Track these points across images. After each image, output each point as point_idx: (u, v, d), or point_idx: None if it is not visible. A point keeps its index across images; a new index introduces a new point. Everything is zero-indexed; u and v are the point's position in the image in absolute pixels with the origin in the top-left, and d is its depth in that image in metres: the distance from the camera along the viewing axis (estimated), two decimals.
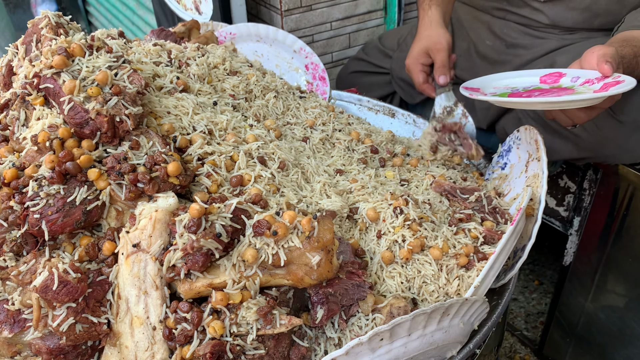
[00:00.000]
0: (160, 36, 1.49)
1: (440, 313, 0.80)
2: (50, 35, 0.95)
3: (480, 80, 1.35)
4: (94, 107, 0.86)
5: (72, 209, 0.83)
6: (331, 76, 2.33)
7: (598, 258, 1.72)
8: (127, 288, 0.82)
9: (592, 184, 1.68)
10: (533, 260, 2.58)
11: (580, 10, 1.56)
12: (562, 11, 1.59)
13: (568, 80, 1.23)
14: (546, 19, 1.62)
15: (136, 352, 0.81)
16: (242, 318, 0.79)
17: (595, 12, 1.54)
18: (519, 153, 1.24)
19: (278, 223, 0.82)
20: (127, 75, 0.92)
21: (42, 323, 0.81)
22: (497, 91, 1.28)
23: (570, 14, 1.58)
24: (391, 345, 0.77)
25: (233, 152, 0.98)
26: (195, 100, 1.06)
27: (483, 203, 1.11)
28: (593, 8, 1.54)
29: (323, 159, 1.17)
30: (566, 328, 1.93)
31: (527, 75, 1.33)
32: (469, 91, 1.24)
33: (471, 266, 0.97)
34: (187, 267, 0.80)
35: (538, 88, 1.25)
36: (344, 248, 0.94)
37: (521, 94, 1.21)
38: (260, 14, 2.23)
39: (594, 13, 1.55)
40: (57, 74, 0.89)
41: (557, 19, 1.61)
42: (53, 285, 0.77)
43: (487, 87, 1.31)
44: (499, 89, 1.29)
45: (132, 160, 0.86)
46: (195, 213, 0.79)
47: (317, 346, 0.87)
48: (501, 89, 1.30)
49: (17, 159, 0.89)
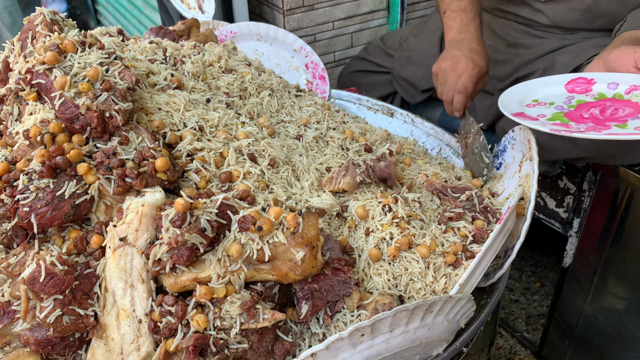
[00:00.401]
0: (159, 34, 1.50)
1: (423, 310, 0.80)
2: (44, 32, 0.97)
3: (507, 98, 1.24)
4: (84, 103, 0.87)
5: (61, 202, 0.84)
6: (333, 75, 2.34)
7: (597, 260, 1.71)
8: (114, 281, 0.83)
9: (591, 185, 1.67)
10: (535, 262, 2.57)
11: (581, 11, 1.56)
12: (562, 12, 1.59)
13: (605, 87, 1.17)
14: (547, 19, 1.62)
15: (122, 345, 0.82)
16: (226, 312, 0.80)
17: (596, 12, 1.54)
18: (513, 153, 1.24)
19: (263, 219, 0.83)
20: (118, 72, 0.93)
21: (31, 315, 0.82)
22: (543, 112, 1.19)
23: (571, 14, 1.58)
24: (372, 341, 0.78)
25: (223, 149, 0.99)
26: (188, 97, 1.07)
27: (474, 202, 1.11)
28: (594, 9, 1.54)
29: (315, 157, 1.18)
30: (565, 330, 1.92)
31: (550, 84, 1.26)
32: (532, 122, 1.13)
33: (459, 264, 0.97)
34: (173, 261, 0.80)
35: (582, 102, 1.18)
36: (331, 245, 0.95)
37: (578, 114, 1.15)
38: (263, 13, 2.24)
39: (595, 14, 1.55)
40: (49, 70, 0.90)
41: (557, 19, 1.61)
42: (40, 277, 0.78)
43: (521, 107, 1.23)
44: (537, 108, 1.22)
45: (121, 155, 0.87)
46: (180, 208, 0.80)
47: (302, 341, 0.87)
48: (538, 107, 1.22)
49: (9, 153, 0.90)
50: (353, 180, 1.08)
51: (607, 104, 1.15)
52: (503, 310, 2.36)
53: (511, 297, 2.42)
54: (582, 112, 1.16)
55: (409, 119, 1.64)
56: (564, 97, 1.23)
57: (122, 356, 0.82)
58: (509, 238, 1.07)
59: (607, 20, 1.54)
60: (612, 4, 1.51)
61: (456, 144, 1.50)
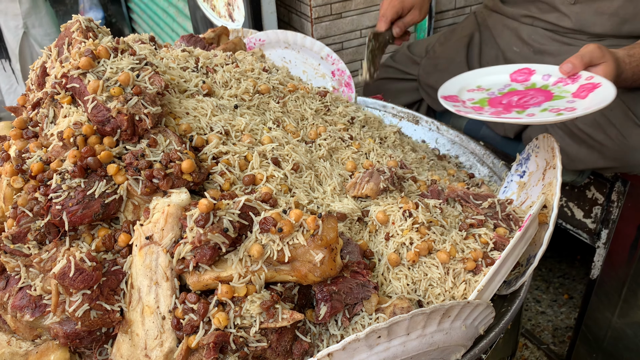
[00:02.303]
0: (190, 42, 1.54)
1: (440, 314, 0.81)
2: (79, 38, 1.01)
3: (452, 82, 1.33)
4: (115, 106, 0.90)
5: (91, 201, 0.88)
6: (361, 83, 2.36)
7: (626, 272, 1.68)
8: (140, 278, 0.86)
9: (620, 196, 1.65)
10: (563, 274, 2.52)
11: (608, 15, 1.54)
12: (589, 15, 1.58)
13: (539, 78, 1.21)
14: (572, 23, 1.61)
15: (146, 340, 0.85)
16: (246, 311, 0.82)
17: (623, 17, 1.52)
18: (537, 161, 1.23)
19: (284, 220, 0.85)
20: (148, 77, 0.96)
21: (60, 309, 0.86)
22: (474, 96, 1.25)
23: (598, 18, 1.56)
24: (389, 344, 0.79)
25: (247, 153, 1.01)
26: (215, 102, 1.10)
27: (497, 209, 1.11)
28: (621, 13, 1.52)
29: (339, 164, 1.20)
30: (593, 343, 1.88)
31: (497, 72, 1.32)
32: (449, 103, 1.21)
33: (479, 271, 0.97)
34: (196, 259, 0.83)
35: (513, 90, 1.23)
36: (351, 249, 0.96)
37: (500, 100, 1.20)
38: (292, 21, 2.28)
39: (621, 18, 1.53)
40: (83, 75, 0.94)
41: (583, 23, 1.60)
42: (70, 273, 0.82)
43: (462, 91, 1.29)
44: (474, 92, 1.27)
45: (149, 157, 0.90)
46: (203, 208, 0.82)
47: (320, 342, 0.89)
48: (476, 91, 1.28)
49: (44, 154, 0.95)
50: (377, 187, 1.09)
51: (530, 92, 1.19)
52: (530, 322, 2.33)
53: (538, 308, 2.38)
54: (505, 99, 1.21)
55: (434, 126, 1.65)
56: (502, 85, 1.27)
57: (146, 351, 0.85)
58: (531, 246, 1.07)
59: (635, 26, 1.52)
60: (639, 7, 1.49)
61: (481, 152, 1.49)
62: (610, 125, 1.47)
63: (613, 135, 1.47)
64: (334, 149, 1.24)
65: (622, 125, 1.45)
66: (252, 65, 1.33)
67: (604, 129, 1.49)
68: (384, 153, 1.27)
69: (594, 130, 1.52)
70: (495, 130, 1.88)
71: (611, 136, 1.47)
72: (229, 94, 1.20)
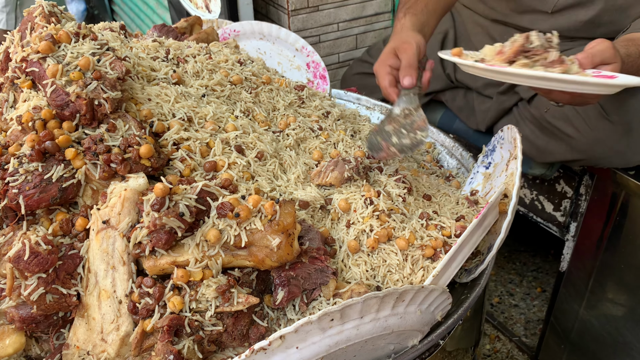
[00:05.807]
0: (162, 31, 1.53)
1: (394, 298, 0.82)
2: (42, 23, 1.00)
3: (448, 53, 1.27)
4: (75, 91, 0.90)
5: (49, 185, 0.87)
6: (338, 77, 2.36)
7: (592, 264, 1.71)
8: (97, 262, 0.86)
9: (588, 189, 1.67)
10: (537, 267, 2.56)
11: (584, 22, 1.56)
12: (565, 22, 1.59)
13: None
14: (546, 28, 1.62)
15: (102, 324, 0.85)
16: (202, 295, 0.83)
17: (597, 23, 1.54)
18: (502, 153, 1.25)
19: (241, 206, 0.85)
20: (109, 62, 0.96)
21: (16, 293, 0.86)
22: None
23: (573, 24, 1.58)
24: (342, 327, 0.79)
25: (209, 139, 1.02)
26: (179, 89, 1.10)
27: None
28: (596, 21, 1.54)
29: (305, 153, 1.20)
30: (561, 334, 1.91)
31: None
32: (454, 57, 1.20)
33: (437, 258, 0.98)
34: (152, 244, 0.83)
35: None
36: (313, 235, 0.97)
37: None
38: (269, 13, 2.28)
39: (596, 24, 1.55)
40: (42, 59, 0.94)
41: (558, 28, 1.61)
42: (25, 256, 0.81)
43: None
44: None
45: (107, 141, 0.90)
46: (159, 192, 0.82)
47: (278, 327, 0.89)
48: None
49: (2, 138, 0.94)
50: (341, 175, 1.10)
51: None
52: (502, 315, 2.35)
53: (511, 301, 2.41)
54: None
55: None
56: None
57: (102, 335, 0.85)
58: (492, 235, 1.08)
59: (608, 29, 1.54)
60: (614, 15, 1.51)
61: (450, 144, 1.51)
62: (579, 118, 1.49)
63: (581, 128, 1.49)
64: (303, 139, 1.24)
65: (590, 118, 1.47)
66: (226, 57, 1.33)
67: (572, 122, 1.51)
68: (353, 144, 1.27)
69: (563, 123, 1.54)
70: (467, 124, 1.90)
71: (579, 129, 1.49)
72: (200, 84, 1.20)
